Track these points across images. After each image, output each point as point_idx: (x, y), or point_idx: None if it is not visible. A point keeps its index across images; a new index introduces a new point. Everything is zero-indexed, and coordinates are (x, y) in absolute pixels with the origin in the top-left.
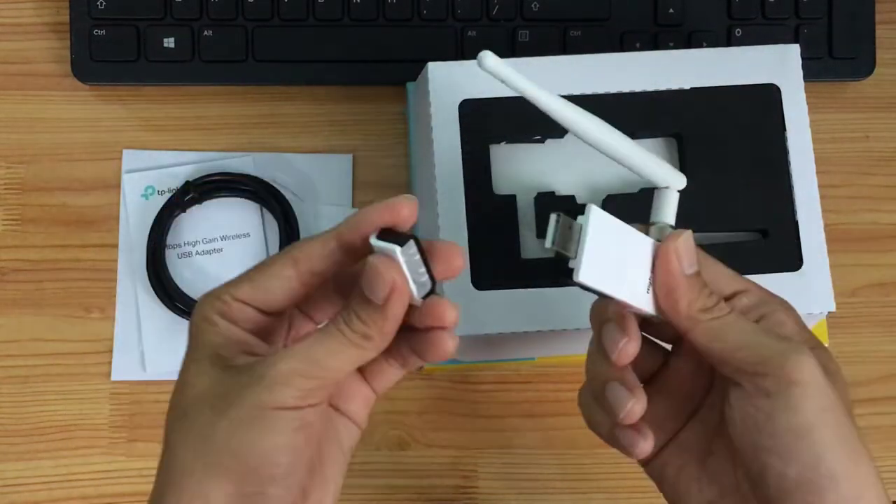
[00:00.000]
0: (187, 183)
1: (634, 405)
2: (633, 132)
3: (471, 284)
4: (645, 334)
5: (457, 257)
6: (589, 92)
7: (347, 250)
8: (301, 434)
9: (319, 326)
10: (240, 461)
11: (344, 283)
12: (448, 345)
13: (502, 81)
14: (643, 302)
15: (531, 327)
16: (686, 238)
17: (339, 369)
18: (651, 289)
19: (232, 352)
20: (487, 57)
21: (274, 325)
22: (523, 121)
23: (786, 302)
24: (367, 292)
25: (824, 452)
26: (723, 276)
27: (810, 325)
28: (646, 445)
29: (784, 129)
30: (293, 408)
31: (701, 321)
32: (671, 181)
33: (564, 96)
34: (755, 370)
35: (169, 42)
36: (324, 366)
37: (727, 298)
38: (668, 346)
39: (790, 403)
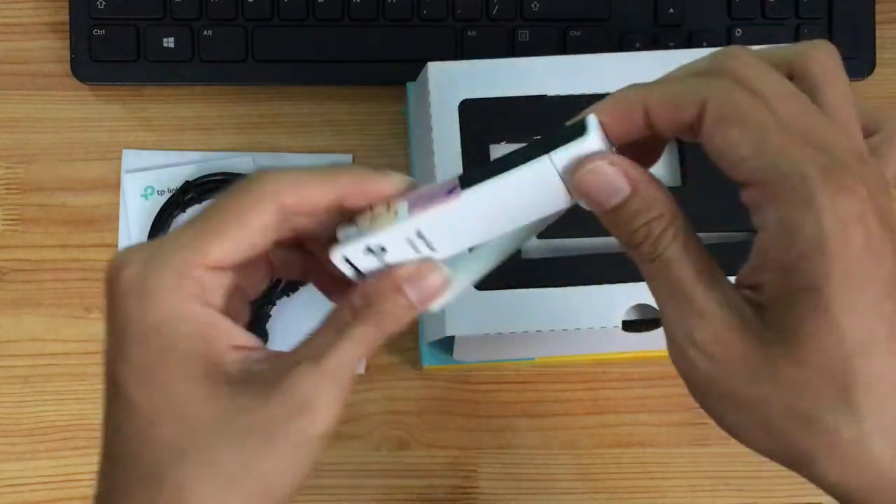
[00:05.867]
0: (187, 183)
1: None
2: None
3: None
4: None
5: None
6: (589, 92)
7: (340, 208)
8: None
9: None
10: (282, 497)
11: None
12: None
13: None
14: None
15: (531, 327)
16: (591, 174)
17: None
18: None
19: (222, 353)
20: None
21: (231, 291)
22: (523, 121)
23: (806, 208)
24: (412, 292)
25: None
26: (729, 161)
27: None
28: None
29: None
30: (330, 431)
31: (634, 261)
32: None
33: (564, 96)
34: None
35: (169, 42)
36: (354, 375)
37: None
38: None
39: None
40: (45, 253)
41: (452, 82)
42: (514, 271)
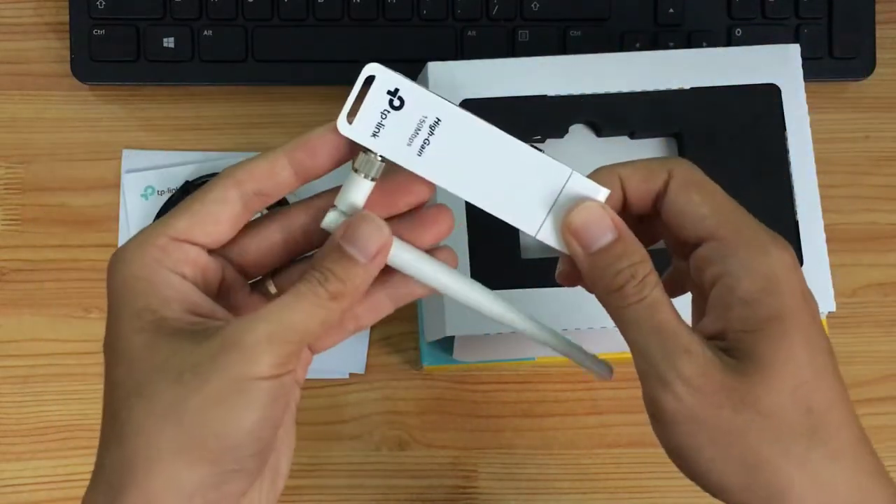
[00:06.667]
0: (187, 183)
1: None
2: (633, 132)
3: None
4: None
5: (447, 219)
6: (589, 92)
7: (298, 170)
8: (279, 404)
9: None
10: (219, 441)
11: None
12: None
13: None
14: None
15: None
16: (585, 211)
17: (314, 333)
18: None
19: (176, 311)
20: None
21: (217, 276)
22: (523, 121)
23: (760, 252)
24: (348, 247)
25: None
26: (689, 219)
27: None
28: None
29: (784, 129)
30: (272, 377)
31: (610, 307)
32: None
33: (564, 96)
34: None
35: (169, 42)
36: (300, 330)
37: (696, 244)
38: None
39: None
40: (45, 253)
41: (452, 82)
42: (514, 271)
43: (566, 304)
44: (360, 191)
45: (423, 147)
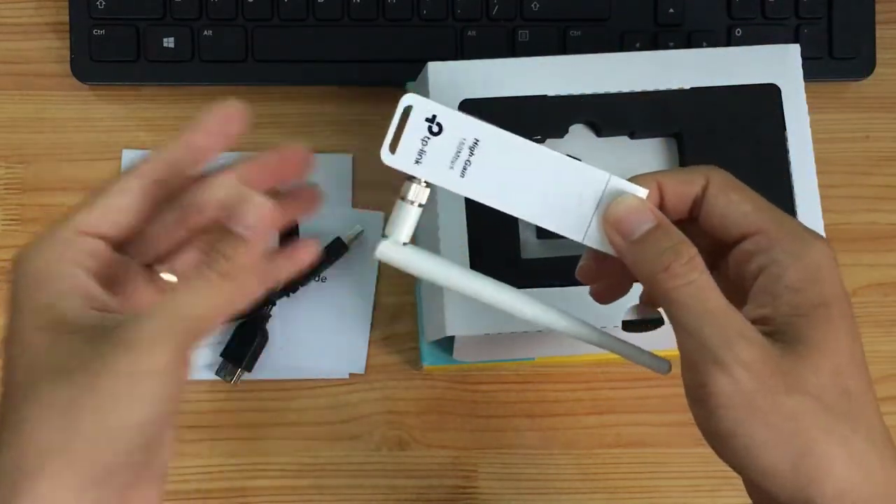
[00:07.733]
0: None
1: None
2: (633, 132)
3: None
4: None
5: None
6: (589, 92)
7: (194, 154)
8: (173, 399)
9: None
10: (114, 437)
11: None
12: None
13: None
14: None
15: (531, 327)
16: (624, 203)
17: (208, 320)
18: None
19: (76, 307)
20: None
21: (118, 269)
22: (523, 121)
23: (805, 244)
24: (234, 223)
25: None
26: (731, 218)
27: None
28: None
29: (784, 129)
30: (165, 372)
31: (659, 290)
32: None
33: (564, 96)
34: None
35: (169, 42)
36: (193, 318)
37: (737, 241)
38: None
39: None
40: None
41: (452, 82)
42: (514, 271)
43: (566, 305)
44: (409, 218)
45: (465, 168)
